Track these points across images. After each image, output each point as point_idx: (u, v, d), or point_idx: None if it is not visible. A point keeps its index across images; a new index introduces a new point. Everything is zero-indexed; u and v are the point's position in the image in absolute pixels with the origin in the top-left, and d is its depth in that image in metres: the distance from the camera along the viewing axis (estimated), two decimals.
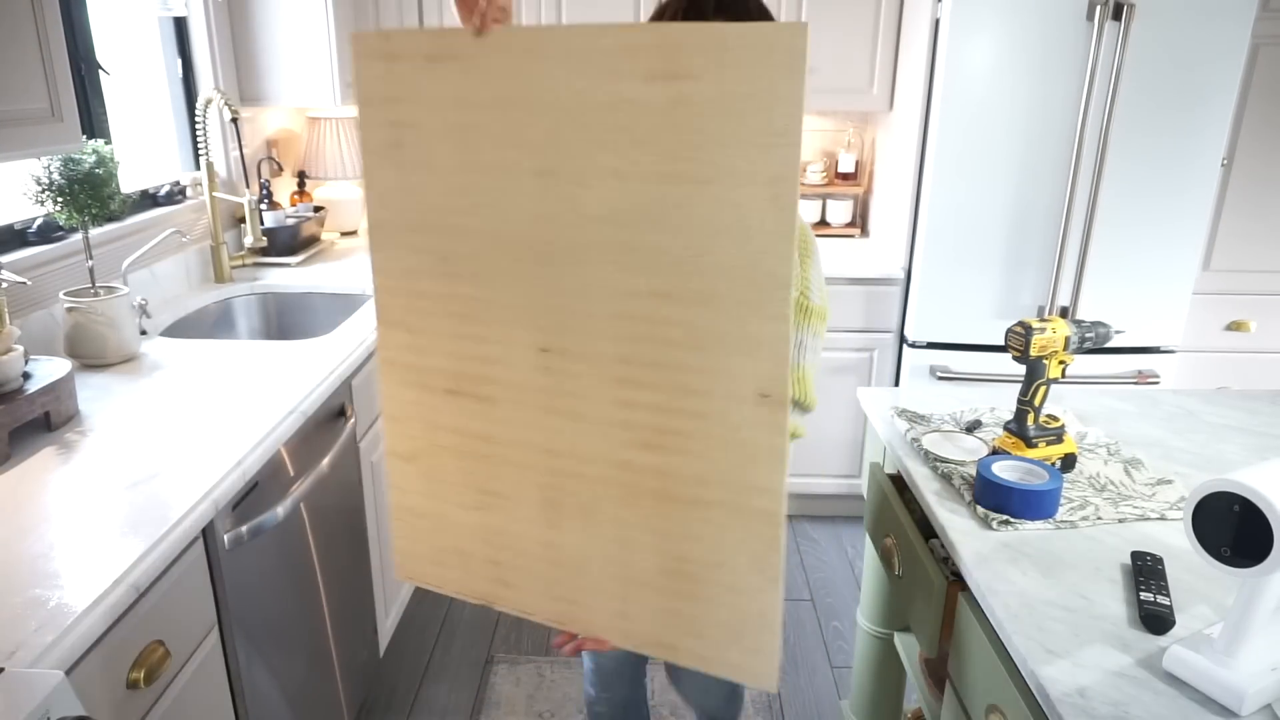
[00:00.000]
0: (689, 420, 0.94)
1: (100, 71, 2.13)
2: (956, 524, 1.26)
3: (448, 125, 0.95)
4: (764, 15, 1.26)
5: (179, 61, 2.55)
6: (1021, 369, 1.39)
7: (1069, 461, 1.40)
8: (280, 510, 1.45)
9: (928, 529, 1.38)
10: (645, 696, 1.72)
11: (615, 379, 0.96)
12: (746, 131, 0.82)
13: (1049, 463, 1.34)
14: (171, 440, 1.41)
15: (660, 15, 1.24)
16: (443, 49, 0.93)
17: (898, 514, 1.46)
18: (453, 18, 3.09)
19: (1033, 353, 1.35)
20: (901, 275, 2.72)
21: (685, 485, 0.96)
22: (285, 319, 2.51)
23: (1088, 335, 1.39)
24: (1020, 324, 1.36)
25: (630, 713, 1.68)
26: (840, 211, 3.21)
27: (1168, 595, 1.06)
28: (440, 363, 1.06)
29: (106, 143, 1.87)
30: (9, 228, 1.82)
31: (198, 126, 2.40)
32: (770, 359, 0.88)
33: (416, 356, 1.07)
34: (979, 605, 1.14)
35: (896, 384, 2.82)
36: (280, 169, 3.05)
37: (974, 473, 1.35)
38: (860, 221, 3.28)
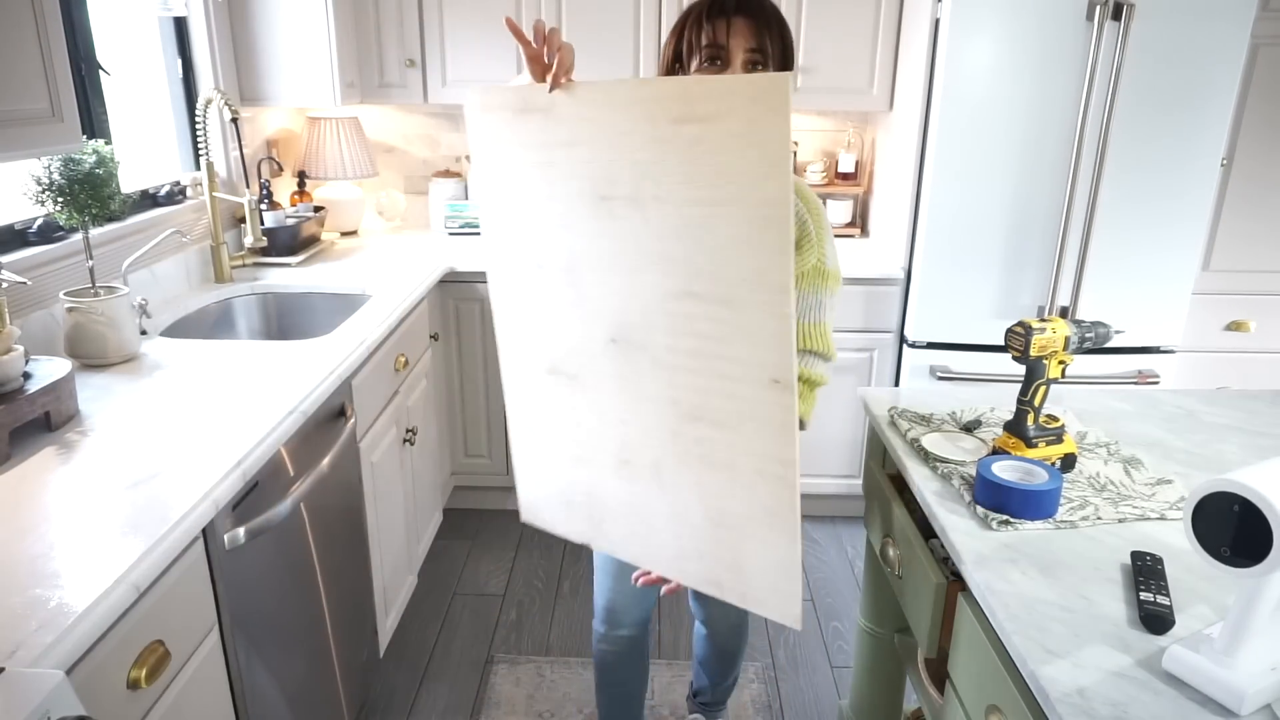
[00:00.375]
0: (721, 399, 1.12)
1: (100, 71, 2.13)
2: (956, 524, 1.26)
3: (534, 162, 1.19)
4: (778, 15, 1.37)
5: (179, 61, 2.55)
6: (1021, 369, 1.39)
7: (1069, 461, 1.40)
8: (280, 510, 1.45)
9: (928, 529, 1.38)
10: (648, 640, 1.85)
11: (665, 365, 1.16)
12: (745, 163, 0.99)
13: (1049, 463, 1.35)
14: (171, 440, 1.41)
15: (687, 17, 1.37)
16: (525, 103, 1.16)
17: (898, 514, 1.46)
18: (453, 18, 3.11)
19: (1033, 353, 1.35)
20: (901, 275, 2.72)
21: (721, 452, 1.16)
22: (285, 319, 2.51)
23: (1088, 335, 1.39)
24: (1020, 324, 1.36)
25: (632, 650, 1.80)
26: (840, 211, 3.21)
27: (1168, 595, 1.06)
28: (541, 347, 1.31)
29: (106, 143, 1.87)
30: (9, 228, 1.82)
31: (198, 126, 2.40)
32: (779, 350, 1.04)
33: (524, 342, 1.34)
34: (979, 605, 1.14)
35: (896, 384, 2.82)
36: (280, 169, 3.05)
37: (974, 473, 1.35)
38: (860, 221, 3.28)
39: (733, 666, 1.98)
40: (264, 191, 2.78)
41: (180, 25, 2.54)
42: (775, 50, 1.35)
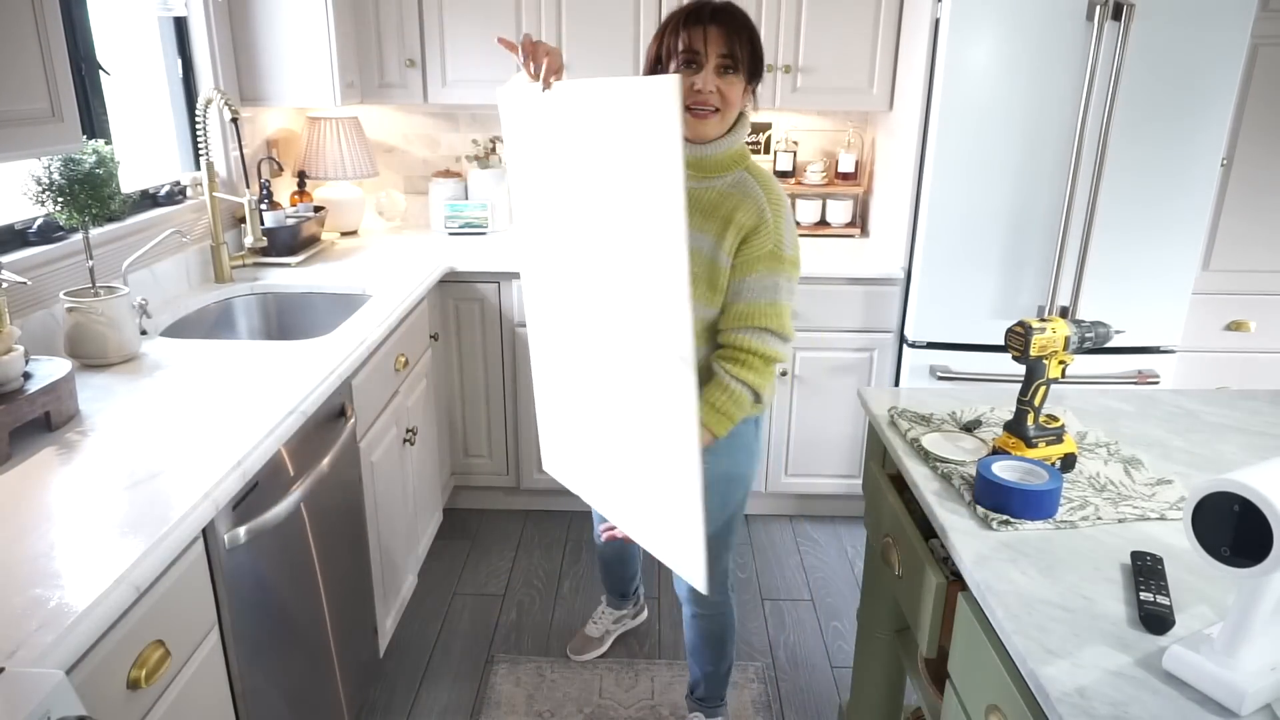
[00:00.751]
0: (651, 372, 1.24)
1: (100, 71, 2.13)
2: (956, 524, 1.26)
3: (536, 144, 1.36)
4: (749, 25, 1.51)
5: (179, 61, 2.55)
6: (1021, 369, 1.39)
7: (1069, 461, 1.40)
8: (280, 510, 1.45)
9: (928, 529, 1.38)
10: (636, 551, 2.28)
11: (619, 339, 1.28)
12: (650, 160, 1.09)
13: (1049, 463, 1.35)
14: (172, 440, 1.41)
15: (667, 24, 1.54)
16: (526, 101, 1.36)
17: (898, 514, 1.46)
18: (453, 18, 3.11)
19: (1033, 353, 1.35)
20: (901, 275, 2.72)
21: (653, 422, 1.28)
22: (285, 319, 2.51)
23: (1088, 335, 1.39)
24: (1020, 324, 1.36)
25: (622, 552, 2.26)
26: (840, 211, 3.21)
27: (1168, 595, 1.06)
28: (546, 321, 1.49)
29: (106, 143, 1.87)
30: (9, 228, 1.82)
31: (198, 126, 2.40)
32: (681, 332, 1.16)
33: (537, 315, 1.54)
34: (979, 605, 1.14)
35: (896, 384, 2.82)
36: (280, 169, 3.05)
37: (974, 473, 1.35)
38: (860, 221, 3.28)
39: (722, 653, 1.98)
40: (264, 191, 2.78)
41: (180, 25, 2.54)
42: (745, 55, 1.50)
